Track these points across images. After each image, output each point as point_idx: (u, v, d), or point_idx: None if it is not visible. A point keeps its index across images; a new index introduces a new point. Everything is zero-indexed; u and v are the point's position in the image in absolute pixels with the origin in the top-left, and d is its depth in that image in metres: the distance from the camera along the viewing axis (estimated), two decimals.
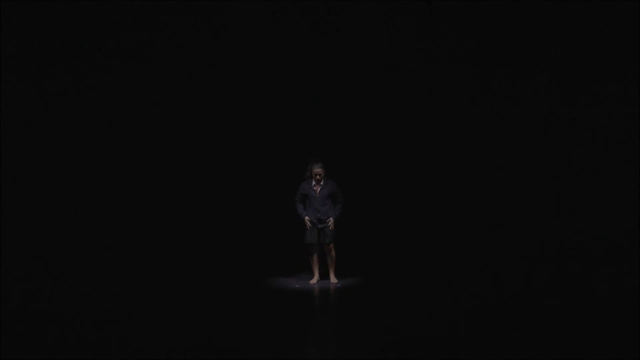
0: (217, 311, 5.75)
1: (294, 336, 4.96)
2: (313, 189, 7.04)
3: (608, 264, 6.41)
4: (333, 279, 7.12)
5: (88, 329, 5.07)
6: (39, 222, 7.02)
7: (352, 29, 7.84)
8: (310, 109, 8.20)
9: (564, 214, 6.95)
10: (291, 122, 8.22)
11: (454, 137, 7.80)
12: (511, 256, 7.13)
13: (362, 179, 8.10)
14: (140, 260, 7.46)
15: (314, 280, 7.13)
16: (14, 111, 6.93)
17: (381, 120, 8.11)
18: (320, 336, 5.10)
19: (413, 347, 4.55)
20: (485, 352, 4.38)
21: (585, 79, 6.93)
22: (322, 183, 7.04)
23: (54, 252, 7.00)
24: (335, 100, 8.14)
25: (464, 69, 7.61)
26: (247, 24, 7.80)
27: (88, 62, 7.33)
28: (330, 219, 7.03)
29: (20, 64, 6.96)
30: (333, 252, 7.07)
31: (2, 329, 5.01)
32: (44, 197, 7.10)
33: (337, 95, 8.12)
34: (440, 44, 7.64)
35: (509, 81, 7.35)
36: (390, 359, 4.38)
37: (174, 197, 8.01)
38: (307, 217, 7.04)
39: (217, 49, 7.89)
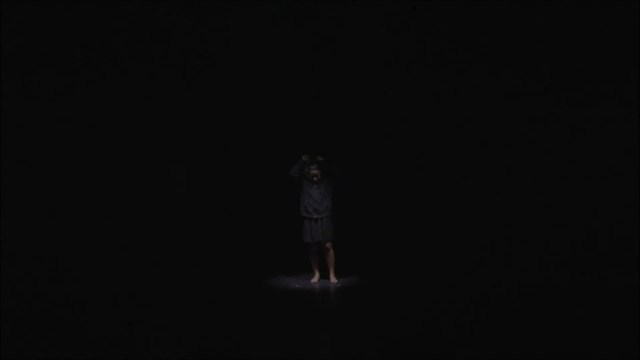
0: (218, 311, 5.75)
1: (294, 336, 4.96)
2: (310, 187, 7.01)
3: (608, 264, 6.41)
4: (333, 278, 7.11)
5: (89, 330, 5.08)
6: (38, 222, 7.02)
7: (351, 28, 7.84)
8: (310, 109, 8.21)
9: (564, 214, 6.95)
10: (291, 122, 8.23)
11: (454, 137, 7.80)
12: (511, 256, 7.14)
13: (362, 178, 8.11)
14: (141, 261, 7.46)
15: (315, 279, 7.13)
16: (14, 111, 6.93)
17: (381, 120, 8.12)
18: (320, 336, 5.10)
19: (413, 347, 4.56)
20: (485, 352, 4.38)
21: (586, 79, 6.93)
22: (319, 181, 7.02)
23: (54, 253, 7.01)
24: (335, 100, 8.15)
25: (464, 68, 7.60)
26: (246, 25, 7.79)
27: (88, 62, 7.33)
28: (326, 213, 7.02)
29: (20, 63, 6.96)
30: (331, 252, 7.06)
31: (2, 329, 5.02)
32: (41, 198, 7.10)
33: (337, 95, 8.13)
34: (440, 43, 7.63)
35: (509, 80, 7.35)
36: (390, 359, 4.38)
37: (174, 197, 8.01)
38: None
39: (215, 49, 7.88)
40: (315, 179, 6.97)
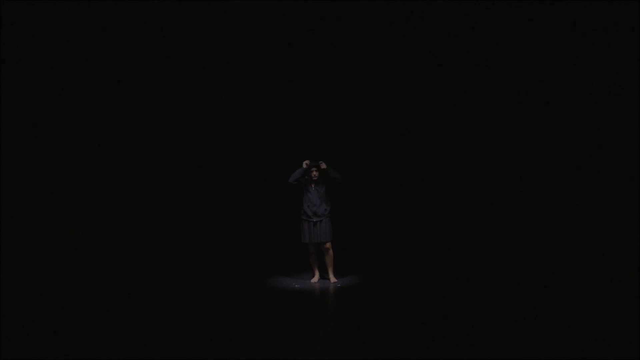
0: (218, 311, 5.75)
1: (294, 336, 4.96)
2: (310, 191, 7.02)
3: (608, 264, 6.41)
4: (332, 278, 7.11)
5: (89, 329, 5.08)
6: (38, 222, 7.03)
7: (350, 27, 7.85)
8: (309, 109, 8.22)
9: (564, 214, 6.95)
10: (290, 123, 8.24)
11: (454, 136, 7.81)
12: (511, 255, 7.14)
13: (362, 178, 8.11)
14: (141, 262, 7.47)
15: (315, 279, 7.14)
16: (15, 112, 6.93)
17: (381, 120, 8.13)
18: (320, 336, 5.11)
19: (413, 346, 4.56)
20: (485, 352, 4.39)
21: (587, 80, 6.92)
22: (318, 182, 7.02)
23: (54, 252, 7.01)
24: (335, 101, 8.16)
25: (464, 67, 7.61)
26: (246, 26, 7.80)
27: (86, 63, 7.33)
28: (326, 213, 7.02)
29: (21, 64, 6.96)
30: (330, 252, 7.06)
31: (2, 329, 5.03)
32: (41, 199, 7.11)
33: (337, 96, 8.14)
34: (438, 42, 7.64)
35: (507, 80, 7.35)
36: (390, 358, 4.38)
37: (173, 198, 8.02)
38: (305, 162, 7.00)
39: (214, 48, 7.89)
40: (314, 173, 6.98)
